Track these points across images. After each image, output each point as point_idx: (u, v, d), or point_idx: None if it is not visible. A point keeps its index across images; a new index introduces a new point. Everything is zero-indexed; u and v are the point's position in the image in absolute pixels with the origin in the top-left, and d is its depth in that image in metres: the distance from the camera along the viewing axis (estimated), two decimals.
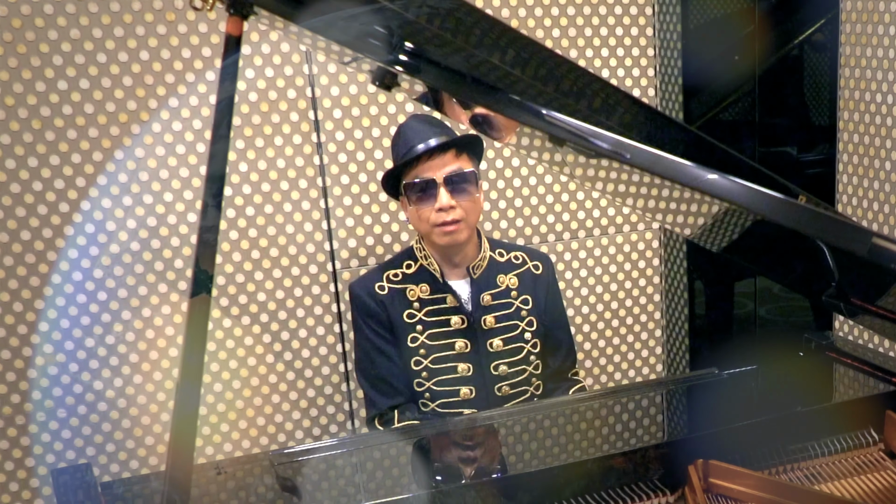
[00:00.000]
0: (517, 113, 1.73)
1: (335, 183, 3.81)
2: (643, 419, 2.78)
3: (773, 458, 2.47)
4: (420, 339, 3.17)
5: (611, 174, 1.96)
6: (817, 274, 2.31)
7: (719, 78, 4.23)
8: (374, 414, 3.22)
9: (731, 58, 4.24)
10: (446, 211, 3.06)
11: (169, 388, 3.76)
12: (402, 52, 1.71)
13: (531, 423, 2.72)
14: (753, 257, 2.43)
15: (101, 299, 3.63)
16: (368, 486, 2.40)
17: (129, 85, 3.54)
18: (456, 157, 3.08)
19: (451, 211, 3.07)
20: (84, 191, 3.52)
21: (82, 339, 3.63)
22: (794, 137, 4.34)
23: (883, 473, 2.46)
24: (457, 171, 3.06)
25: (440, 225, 3.09)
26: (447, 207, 3.06)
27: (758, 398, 2.93)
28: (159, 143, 3.59)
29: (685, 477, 2.38)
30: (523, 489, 2.32)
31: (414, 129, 3.11)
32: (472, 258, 3.22)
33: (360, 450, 2.56)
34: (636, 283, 4.39)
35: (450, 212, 3.07)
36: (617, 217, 4.28)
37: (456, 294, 3.19)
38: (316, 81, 3.73)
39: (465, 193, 3.09)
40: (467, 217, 3.11)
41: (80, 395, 3.67)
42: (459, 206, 3.08)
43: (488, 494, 2.29)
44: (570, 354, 3.43)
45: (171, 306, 3.71)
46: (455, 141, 3.08)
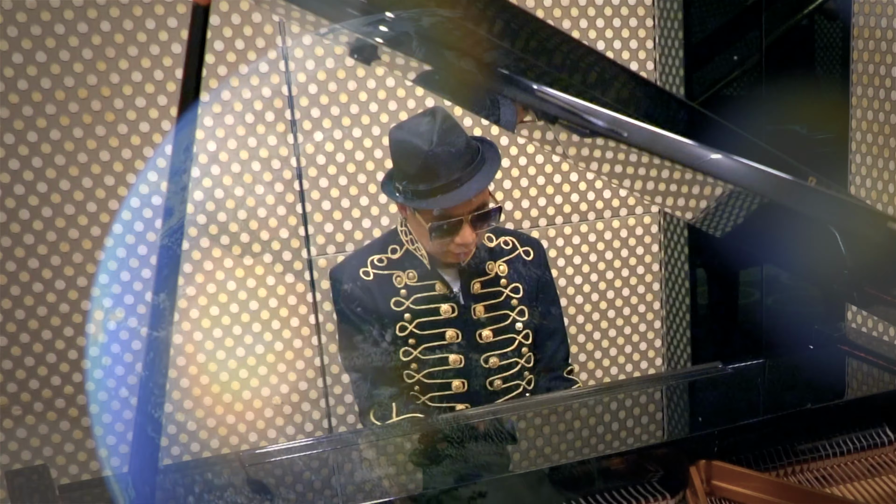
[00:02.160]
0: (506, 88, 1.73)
1: (310, 163, 3.81)
2: (641, 417, 2.78)
3: (781, 459, 2.48)
4: (409, 328, 3.17)
5: (607, 154, 1.95)
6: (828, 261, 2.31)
7: (723, 50, 4.23)
8: (369, 406, 3.21)
9: (736, 28, 4.24)
10: (467, 245, 3.07)
11: (132, 385, 3.75)
12: (382, 22, 1.70)
13: (522, 422, 2.72)
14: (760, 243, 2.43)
15: (58, 288, 3.62)
16: (346, 490, 2.40)
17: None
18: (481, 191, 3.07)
19: (472, 243, 3.08)
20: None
21: (39, 331, 3.62)
22: (804, 114, 4.34)
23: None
24: (485, 210, 3.07)
25: (454, 251, 3.10)
26: (469, 243, 3.06)
27: (764, 394, 2.93)
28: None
29: (686, 479, 2.38)
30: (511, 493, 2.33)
31: (439, 157, 2.97)
32: None
33: (338, 450, 2.56)
34: (634, 270, 4.39)
35: (470, 245, 3.08)
36: (613, 200, 4.28)
37: (445, 281, 3.19)
38: (290, 54, 3.72)
39: (487, 226, 3.10)
40: (481, 239, 3.14)
41: (37, 391, 3.66)
42: (478, 236, 3.09)
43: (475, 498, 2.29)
44: (563, 346, 3.43)
45: (134, 296, 3.71)
46: (490, 178, 3.07)
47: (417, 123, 3.01)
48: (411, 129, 3.01)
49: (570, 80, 1.82)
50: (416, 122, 3.02)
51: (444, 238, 3.05)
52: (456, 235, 3.04)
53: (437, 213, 3.02)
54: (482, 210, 3.05)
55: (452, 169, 2.96)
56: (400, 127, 3.06)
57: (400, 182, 3.04)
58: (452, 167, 2.96)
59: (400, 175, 3.04)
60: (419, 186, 2.99)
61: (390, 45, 1.74)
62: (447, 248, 3.08)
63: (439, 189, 2.98)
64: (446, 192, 2.97)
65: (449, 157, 2.96)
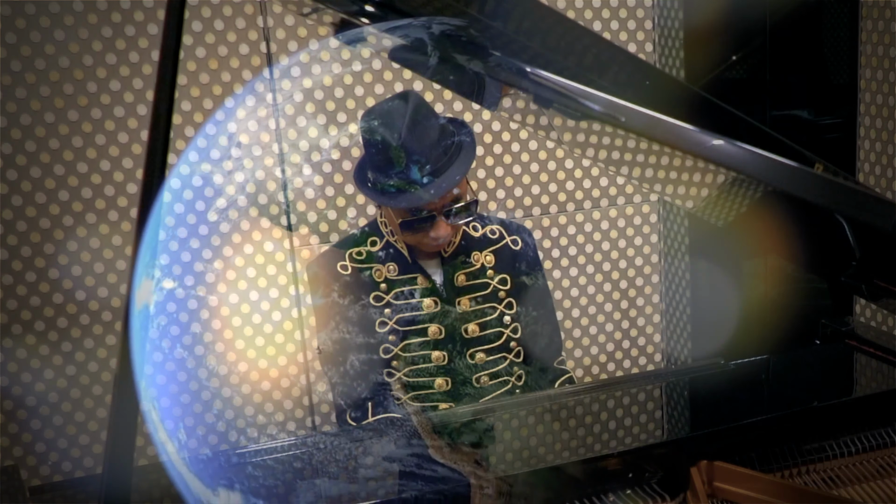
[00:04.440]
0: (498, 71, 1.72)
1: (293, 150, 3.80)
2: (640, 415, 2.78)
3: (786, 460, 2.48)
4: (389, 325, 3.16)
5: (603, 140, 1.95)
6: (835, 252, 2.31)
7: (725, 31, 4.22)
8: (344, 407, 3.21)
9: (739, 8, 4.23)
10: (443, 238, 3.06)
11: (106, 381, 3.75)
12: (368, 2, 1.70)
13: (513, 420, 2.72)
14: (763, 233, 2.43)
15: (29, 281, 3.62)
16: (330, 492, 2.40)
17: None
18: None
19: (447, 236, 3.07)
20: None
21: (9, 326, 3.62)
22: (810, 98, 4.35)
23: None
24: (460, 204, 3.05)
25: (430, 244, 3.08)
26: (445, 236, 3.05)
27: (768, 392, 2.93)
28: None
29: (687, 480, 2.38)
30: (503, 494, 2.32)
31: (409, 150, 2.94)
32: None
33: (322, 450, 2.56)
34: (632, 262, 4.40)
35: (446, 238, 3.07)
36: (611, 188, 4.28)
37: (427, 274, 3.18)
38: (272, 35, 3.71)
39: (463, 220, 3.08)
40: (457, 231, 3.13)
41: (7, 388, 3.65)
42: (453, 229, 3.08)
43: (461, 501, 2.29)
44: (556, 340, 3.42)
45: (108, 288, 3.70)
46: (464, 171, 3.05)
47: (388, 111, 2.96)
48: (381, 116, 2.95)
49: (564, 62, 1.82)
50: (387, 108, 2.97)
51: (416, 233, 3.04)
52: (430, 230, 3.04)
53: (408, 208, 3.01)
54: (457, 203, 3.04)
55: (423, 162, 2.94)
56: (370, 113, 3.00)
57: (371, 173, 3.02)
58: (423, 160, 2.94)
59: (370, 165, 3.02)
60: (389, 181, 2.96)
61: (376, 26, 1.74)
62: (422, 241, 3.08)
63: (409, 184, 2.96)
64: (416, 188, 2.96)
65: (420, 149, 2.93)
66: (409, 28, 1.72)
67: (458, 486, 2.32)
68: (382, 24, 1.73)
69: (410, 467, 2.53)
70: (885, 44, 3.67)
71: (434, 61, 1.79)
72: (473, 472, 2.39)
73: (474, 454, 2.54)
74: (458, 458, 2.51)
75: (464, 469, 2.42)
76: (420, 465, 2.53)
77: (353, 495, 2.33)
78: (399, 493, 2.33)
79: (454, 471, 2.48)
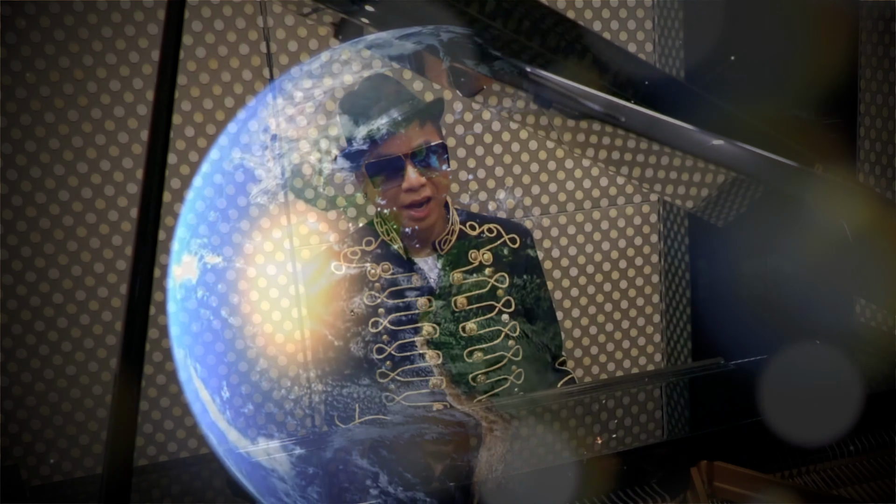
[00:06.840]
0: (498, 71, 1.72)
1: (293, 149, 3.80)
2: (639, 415, 2.78)
3: (787, 460, 2.48)
4: (382, 324, 3.16)
5: (603, 139, 1.95)
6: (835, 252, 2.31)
7: (725, 31, 4.22)
8: (335, 408, 3.21)
9: (739, 8, 4.23)
10: (416, 190, 3.03)
11: (106, 381, 3.75)
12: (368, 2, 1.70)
13: (513, 420, 2.72)
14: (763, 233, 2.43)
15: (29, 281, 3.62)
16: (331, 492, 2.40)
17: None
18: (421, 127, 3.05)
19: (421, 189, 3.04)
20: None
21: (9, 326, 3.62)
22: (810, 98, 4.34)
23: None
24: (425, 145, 3.04)
25: (409, 206, 3.06)
26: (417, 186, 3.03)
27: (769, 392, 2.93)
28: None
29: (687, 480, 2.38)
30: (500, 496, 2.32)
31: (367, 96, 3.04)
32: (438, 232, 3.19)
33: (321, 450, 2.56)
34: (632, 262, 4.40)
35: (420, 190, 3.04)
36: (610, 188, 4.28)
37: (422, 272, 3.17)
38: (272, 35, 3.71)
39: (436, 168, 3.06)
40: (438, 193, 3.09)
41: (7, 388, 3.65)
42: (430, 183, 3.05)
43: None
44: (556, 340, 3.42)
45: (108, 288, 3.70)
46: (423, 109, 3.05)
47: (360, 97, 3.05)
48: (354, 103, 3.06)
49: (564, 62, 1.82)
50: (360, 95, 3.06)
51: (387, 185, 3.03)
52: (401, 180, 3.03)
53: (374, 157, 3.02)
54: (423, 146, 3.02)
55: (382, 103, 3.02)
56: (349, 96, 3.08)
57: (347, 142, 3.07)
58: (381, 102, 3.02)
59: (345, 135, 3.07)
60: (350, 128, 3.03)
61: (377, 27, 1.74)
62: (399, 202, 3.06)
63: (370, 130, 3.01)
64: (378, 131, 3.01)
65: (374, 92, 3.03)
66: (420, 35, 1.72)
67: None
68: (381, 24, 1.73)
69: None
70: (885, 44, 3.67)
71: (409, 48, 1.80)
72: (485, 416, 2.44)
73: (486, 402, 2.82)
74: (472, 404, 2.78)
75: (477, 413, 2.55)
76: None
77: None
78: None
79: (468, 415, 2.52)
